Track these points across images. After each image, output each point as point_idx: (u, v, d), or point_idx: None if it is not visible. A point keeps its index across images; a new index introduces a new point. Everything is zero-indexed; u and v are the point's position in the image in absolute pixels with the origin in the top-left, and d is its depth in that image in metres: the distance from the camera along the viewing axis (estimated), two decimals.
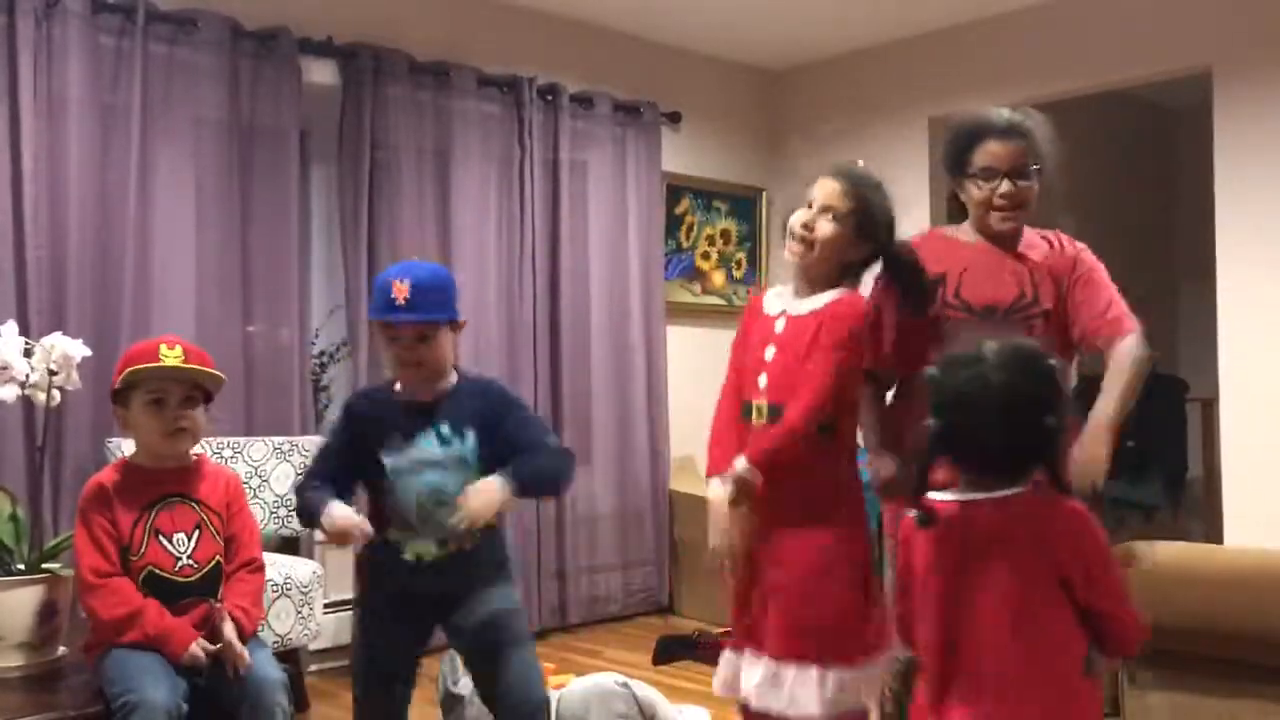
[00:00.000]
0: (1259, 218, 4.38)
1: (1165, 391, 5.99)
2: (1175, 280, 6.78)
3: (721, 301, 5.78)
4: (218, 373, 2.61)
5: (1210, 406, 5.41)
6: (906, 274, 2.44)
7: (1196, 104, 4.85)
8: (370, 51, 4.43)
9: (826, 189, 2.39)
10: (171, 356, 2.49)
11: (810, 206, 2.40)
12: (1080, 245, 2.62)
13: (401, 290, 2.51)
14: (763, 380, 2.39)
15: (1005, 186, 2.47)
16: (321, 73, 4.40)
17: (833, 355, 2.31)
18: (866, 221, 2.38)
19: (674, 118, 5.52)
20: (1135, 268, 6.67)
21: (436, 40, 4.68)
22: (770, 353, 2.40)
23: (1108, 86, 5.02)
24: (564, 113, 5.02)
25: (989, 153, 2.48)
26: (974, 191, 2.51)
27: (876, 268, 2.47)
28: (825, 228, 2.36)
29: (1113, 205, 6.44)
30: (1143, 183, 6.73)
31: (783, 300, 2.46)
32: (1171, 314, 6.78)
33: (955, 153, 2.54)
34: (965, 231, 2.60)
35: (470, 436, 2.54)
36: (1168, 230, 6.71)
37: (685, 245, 5.65)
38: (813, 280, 2.41)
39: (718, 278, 5.80)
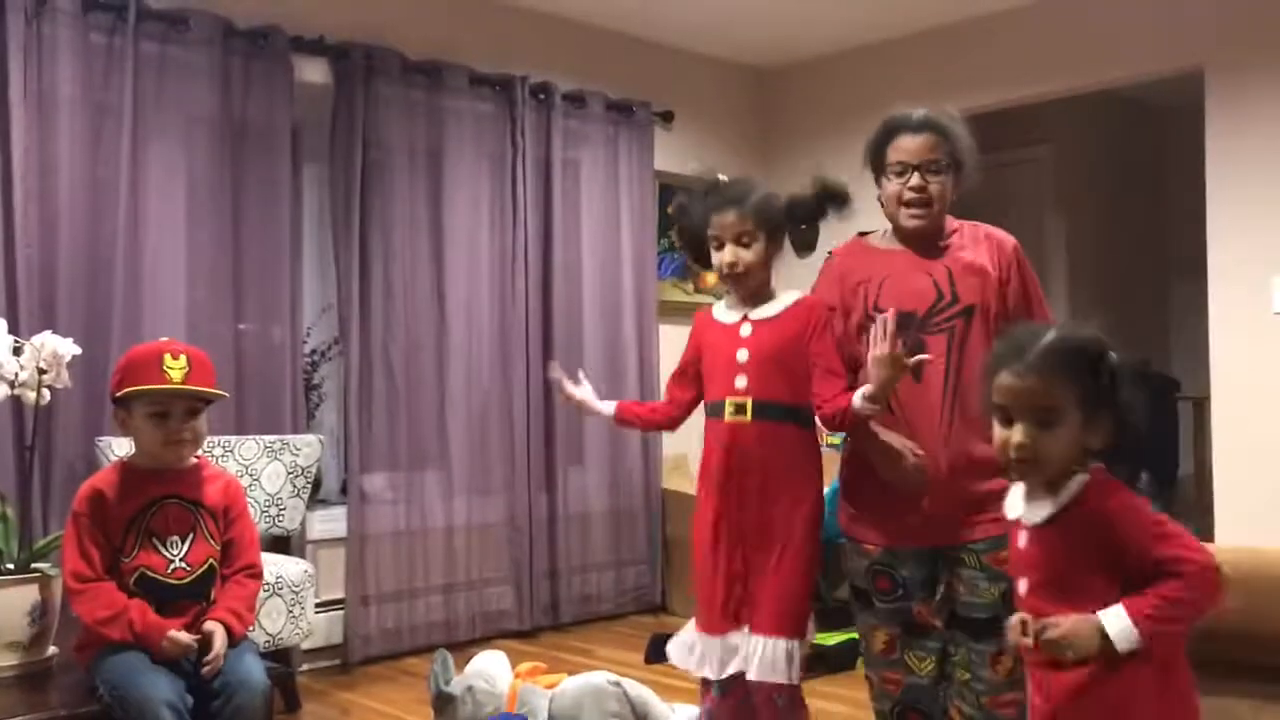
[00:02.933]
0: (1250, 217, 4.40)
1: (1156, 390, 6.01)
2: (1166, 279, 6.80)
3: (714, 300, 5.77)
4: (221, 393, 2.63)
5: (1201, 405, 5.43)
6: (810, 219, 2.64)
7: (1187, 104, 4.86)
8: (362, 50, 4.42)
9: (728, 222, 2.57)
10: (176, 369, 2.49)
11: (720, 245, 2.59)
12: (1015, 241, 2.58)
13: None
14: (741, 380, 2.57)
15: (915, 180, 2.45)
16: (313, 71, 4.39)
17: (828, 336, 2.56)
18: (774, 227, 2.59)
19: (666, 117, 5.52)
20: (1126, 266, 6.71)
21: (429, 39, 4.67)
22: (744, 355, 2.58)
23: (1099, 86, 5.03)
24: (556, 111, 5.01)
25: (901, 148, 2.47)
26: (887, 187, 2.50)
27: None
28: (746, 255, 2.57)
29: (1104, 206, 6.46)
30: (1134, 182, 6.75)
31: (735, 310, 2.66)
32: (1162, 313, 6.81)
33: (873, 151, 2.54)
34: (886, 239, 2.59)
35: None
36: (1159, 229, 6.73)
37: (678, 244, 5.65)
38: (755, 291, 2.63)
39: (710, 277, 5.80)
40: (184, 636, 2.40)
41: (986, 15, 5.08)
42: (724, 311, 2.69)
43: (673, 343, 5.50)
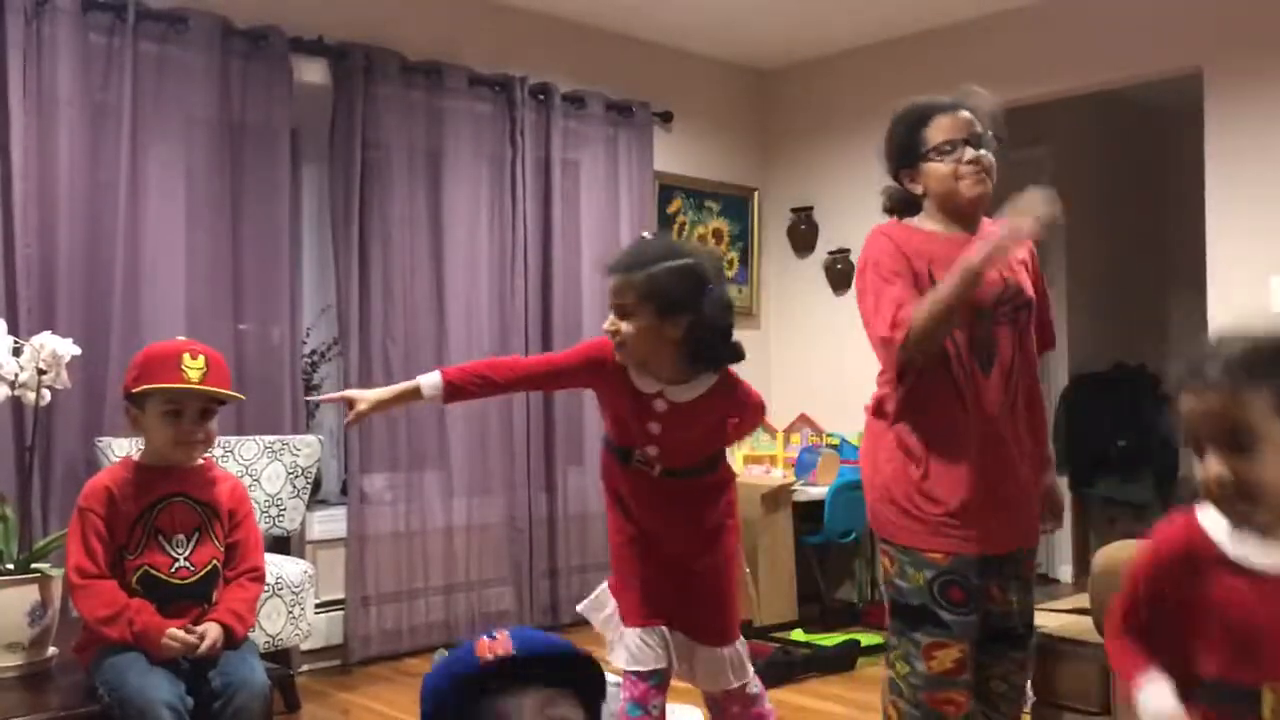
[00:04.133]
0: (1249, 218, 4.39)
1: (1156, 391, 6.01)
2: (1166, 280, 6.79)
3: None
4: (237, 395, 2.64)
5: None
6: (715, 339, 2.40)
7: (1187, 104, 4.85)
8: (362, 51, 4.42)
9: (610, 287, 2.38)
10: (194, 369, 2.49)
11: (611, 308, 2.39)
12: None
13: None
14: (652, 449, 2.48)
15: (969, 153, 2.34)
16: (313, 72, 4.39)
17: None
18: (664, 302, 2.33)
19: (666, 117, 5.52)
20: (1126, 267, 6.71)
21: (428, 39, 4.67)
22: (655, 428, 2.45)
23: (1098, 87, 5.03)
24: (556, 112, 5.01)
25: (942, 127, 2.35)
26: (936, 168, 2.35)
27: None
28: (627, 328, 2.35)
29: (1103, 207, 6.45)
30: (1133, 184, 6.74)
31: (651, 382, 2.44)
32: (1162, 313, 6.80)
33: (904, 139, 2.40)
34: (926, 223, 2.40)
35: None
36: (1159, 232, 6.73)
37: None
38: (659, 368, 2.42)
39: None
40: (184, 634, 2.40)
41: (986, 15, 5.08)
42: (637, 377, 2.45)
43: None
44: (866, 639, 4.45)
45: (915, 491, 2.30)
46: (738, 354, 2.43)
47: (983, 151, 2.36)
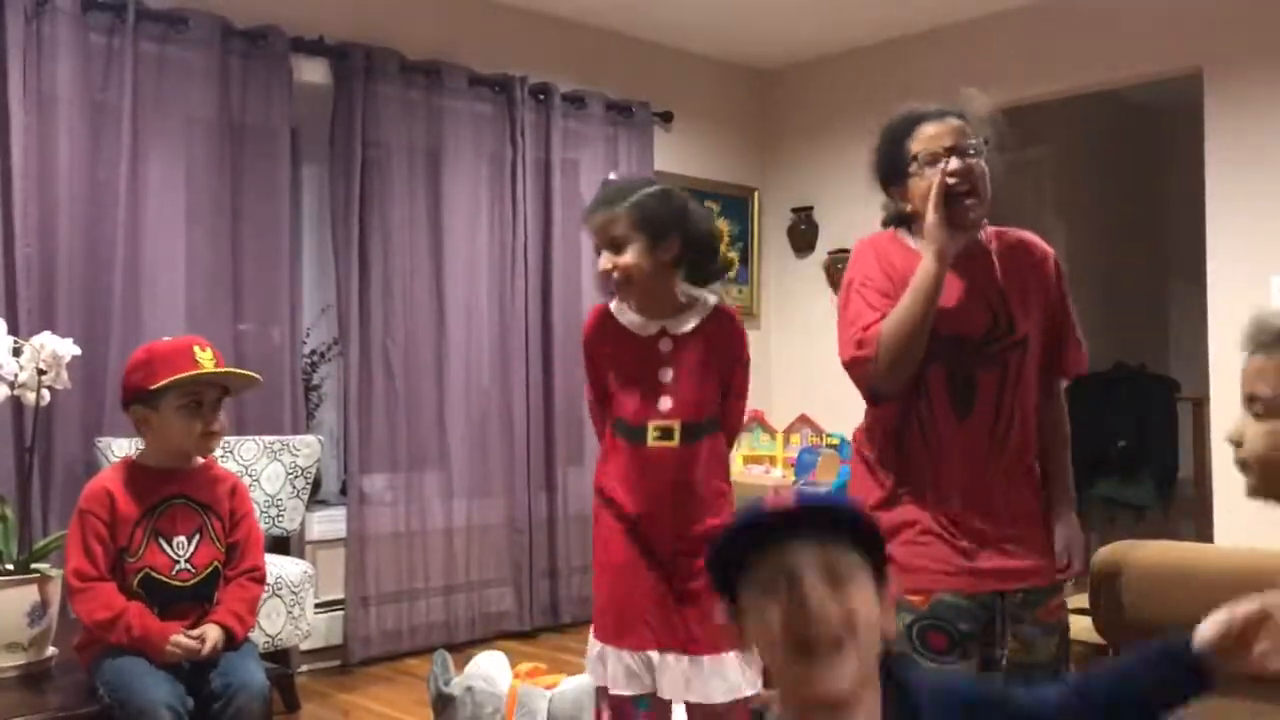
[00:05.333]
0: (1249, 217, 4.40)
1: (1156, 391, 6.01)
2: (1166, 280, 6.79)
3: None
4: (256, 375, 2.65)
5: (1201, 406, 5.43)
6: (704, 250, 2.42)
7: (1186, 105, 4.85)
8: (362, 50, 4.42)
9: (596, 226, 2.38)
10: (207, 359, 2.50)
11: (598, 251, 2.38)
12: (1053, 252, 2.33)
13: None
14: (666, 402, 2.39)
15: (954, 163, 2.11)
16: (313, 72, 4.39)
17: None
18: (654, 226, 2.34)
19: (666, 117, 5.52)
20: (1126, 267, 6.71)
21: (428, 39, 4.67)
22: (667, 375, 2.40)
23: (1098, 87, 5.03)
24: (556, 112, 5.01)
25: (926, 136, 2.16)
26: (920, 184, 2.14)
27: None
28: (625, 257, 2.34)
29: (1103, 206, 6.46)
30: (1133, 183, 6.74)
31: (651, 323, 2.42)
32: (1162, 314, 6.80)
33: (889, 152, 2.22)
34: (916, 239, 2.19)
35: None
36: (1158, 230, 6.73)
37: None
38: (659, 300, 2.42)
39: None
40: (188, 641, 2.40)
41: (986, 15, 5.08)
42: (634, 320, 2.44)
43: None
44: None
45: (887, 528, 2.22)
46: (729, 265, 2.45)
47: (973, 160, 2.15)
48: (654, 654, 2.38)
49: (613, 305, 2.51)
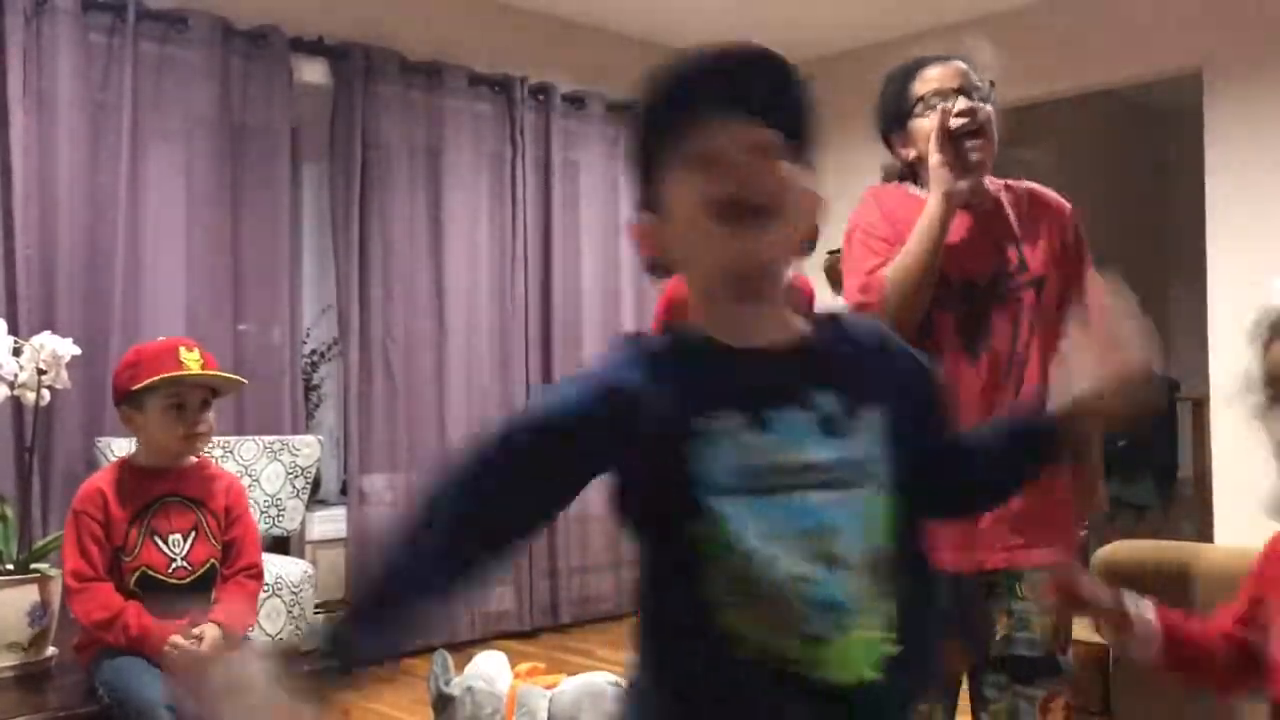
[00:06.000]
0: (1249, 217, 4.40)
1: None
2: (1166, 279, 6.79)
3: None
4: (240, 378, 2.64)
5: (1201, 406, 5.43)
6: None
7: (1187, 104, 4.86)
8: (362, 50, 4.42)
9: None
10: (192, 361, 2.50)
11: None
12: (1069, 205, 2.20)
13: None
14: None
15: (961, 102, 2.04)
16: (313, 72, 4.39)
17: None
18: None
19: None
20: (1126, 267, 6.71)
21: (428, 39, 4.67)
22: None
23: (1099, 87, 5.03)
24: (556, 112, 5.01)
25: (930, 79, 2.09)
26: (924, 125, 2.06)
27: None
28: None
29: (1103, 205, 6.46)
30: (1133, 182, 6.75)
31: None
32: (1162, 313, 6.80)
33: (892, 101, 2.14)
34: (922, 189, 2.10)
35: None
36: (1158, 229, 6.73)
37: None
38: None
39: None
40: (184, 642, 2.40)
41: (987, 15, 5.08)
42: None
43: None
44: None
45: None
46: None
47: (979, 102, 2.08)
48: None
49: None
